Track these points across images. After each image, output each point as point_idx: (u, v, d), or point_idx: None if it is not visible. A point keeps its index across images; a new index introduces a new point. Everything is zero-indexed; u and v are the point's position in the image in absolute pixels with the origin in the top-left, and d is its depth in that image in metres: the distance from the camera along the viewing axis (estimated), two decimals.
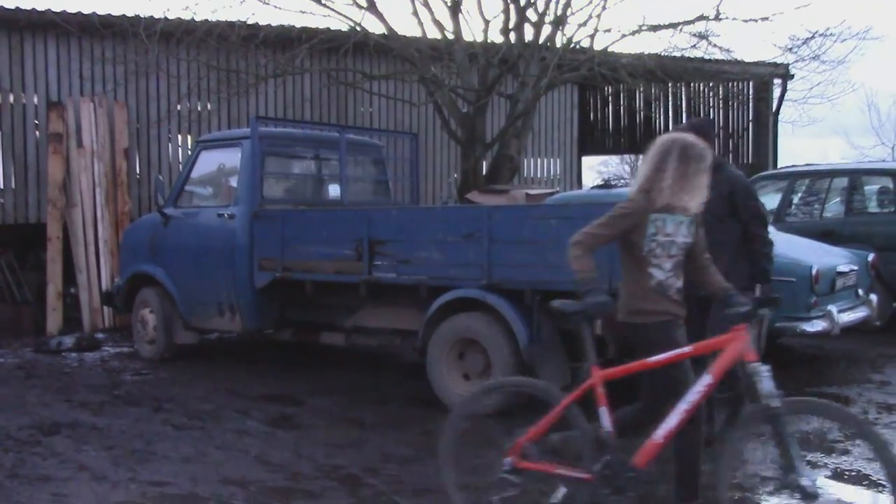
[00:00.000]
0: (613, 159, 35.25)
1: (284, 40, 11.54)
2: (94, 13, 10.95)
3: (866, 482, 4.72)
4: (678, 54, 11.63)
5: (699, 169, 3.79)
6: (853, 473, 4.87)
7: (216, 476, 4.87)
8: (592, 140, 19.61)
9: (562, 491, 3.98)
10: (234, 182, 7.96)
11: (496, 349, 6.01)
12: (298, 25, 11.50)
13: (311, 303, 7.57)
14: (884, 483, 4.61)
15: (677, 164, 3.75)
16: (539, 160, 15.80)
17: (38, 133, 11.07)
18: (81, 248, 10.59)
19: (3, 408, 6.56)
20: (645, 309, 3.84)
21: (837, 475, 4.86)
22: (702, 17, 10.87)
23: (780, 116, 16.45)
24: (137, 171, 11.72)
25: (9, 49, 10.86)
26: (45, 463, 5.15)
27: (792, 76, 14.58)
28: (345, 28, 11.21)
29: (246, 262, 7.59)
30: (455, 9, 11.21)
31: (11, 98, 10.95)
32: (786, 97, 15.42)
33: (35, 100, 11.09)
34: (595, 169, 34.06)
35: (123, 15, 10.99)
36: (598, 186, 9.05)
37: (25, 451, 5.38)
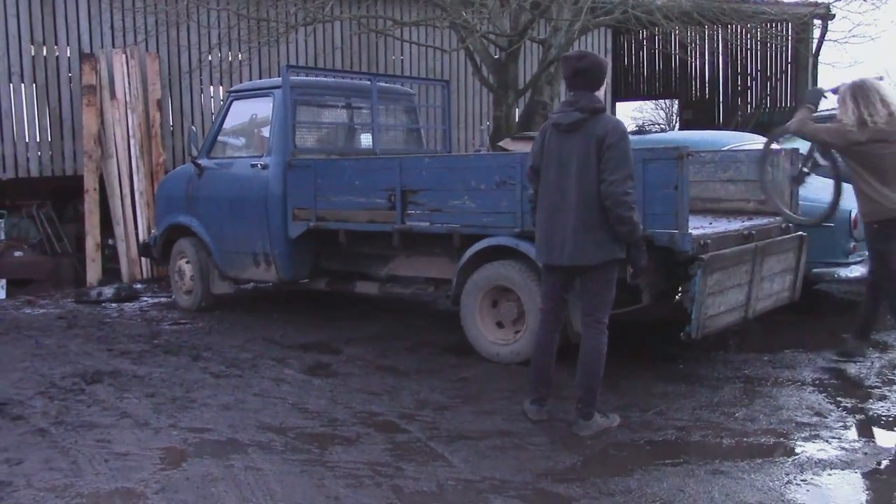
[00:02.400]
0: (648, 105, 34.77)
1: None
2: None
3: None
4: None
5: None
6: (890, 419, 4.84)
7: (255, 423, 4.96)
8: (626, 85, 19.36)
9: None
10: (266, 132, 7.96)
11: (530, 297, 6.00)
12: None
13: (345, 252, 7.61)
14: None
15: None
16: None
17: (71, 85, 11.13)
18: (118, 200, 10.70)
19: (47, 357, 6.71)
20: None
21: (874, 420, 4.83)
22: None
23: (819, 58, 16.06)
24: (171, 122, 11.76)
25: (40, 2, 10.87)
26: (88, 410, 5.27)
27: (833, 16, 14.19)
28: None
29: (279, 212, 7.63)
30: None
31: (45, 51, 10.98)
32: (826, 38, 15.02)
33: (68, 52, 11.11)
34: (629, 115, 33.69)
35: None
36: (633, 132, 8.93)
37: (70, 399, 5.50)
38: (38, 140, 10.99)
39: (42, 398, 5.53)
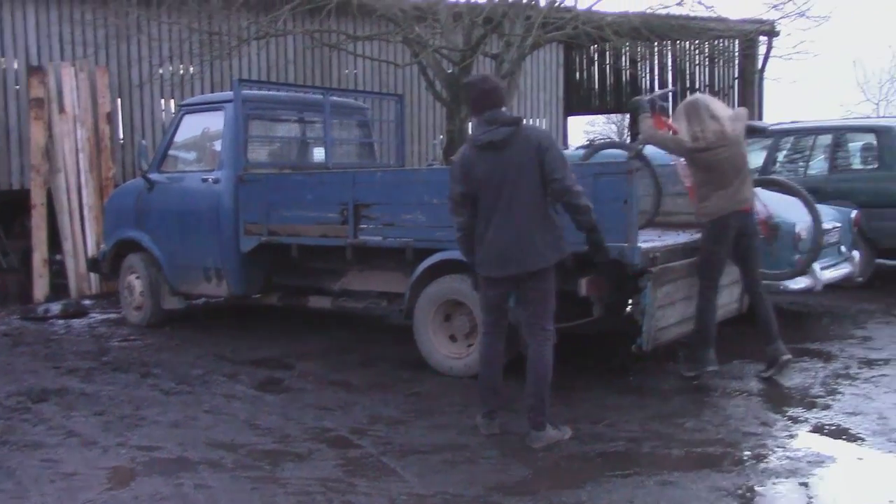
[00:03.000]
0: (600, 119, 35.21)
1: (266, 2, 11.41)
2: None
3: (846, 436, 4.80)
4: (663, 12, 11.54)
5: None
6: (833, 427, 4.95)
7: (205, 440, 4.91)
8: (578, 99, 19.54)
9: None
10: (218, 146, 7.91)
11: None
12: None
13: (298, 267, 7.58)
14: (863, 437, 4.72)
15: None
16: (525, 120, 15.69)
17: (18, 99, 10.95)
18: (66, 215, 10.54)
19: None
20: None
21: (818, 429, 4.93)
22: None
23: (765, 73, 16.41)
24: (121, 135, 11.63)
25: None
26: (34, 429, 5.17)
27: (777, 33, 14.52)
28: None
29: (231, 227, 7.58)
30: None
31: None
32: (771, 54, 15.37)
33: (15, 65, 10.95)
34: (582, 129, 34.06)
35: None
36: (585, 146, 9.04)
37: (15, 418, 5.40)
38: None
39: None
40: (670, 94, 11.69)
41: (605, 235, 5.22)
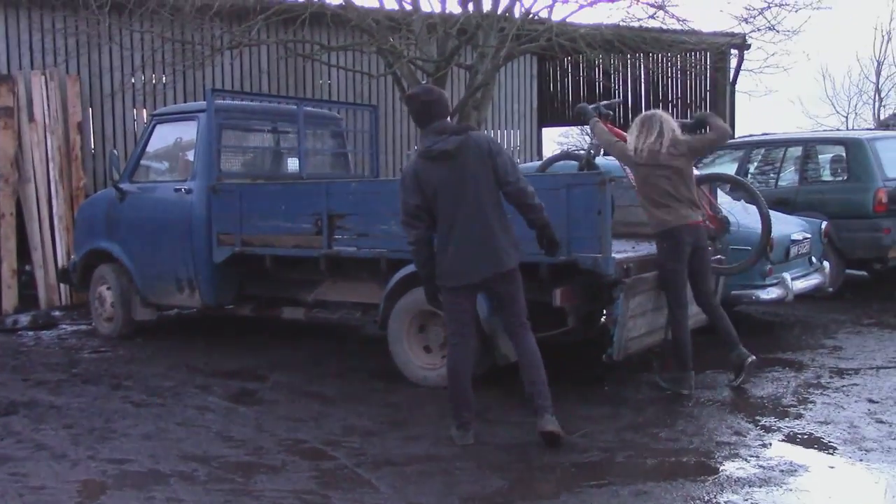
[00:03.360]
0: (573, 130, 35.35)
1: (240, 11, 11.37)
2: None
3: (817, 445, 4.83)
4: (636, 25, 11.65)
5: None
6: (805, 436, 4.99)
7: (177, 452, 4.85)
8: (552, 111, 19.60)
9: None
10: (190, 156, 7.86)
11: None
12: None
13: (271, 277, 7.53)
14: (835, 445, 4.76)
15: None
16: (499, 131, 15.79)
17: None
18: (36, 225, 10.41)
19: None
20: None
21: (790, 438, 4.97)
22: None
23: (736, 86, 16.58)
24: (92, 145, 11.53)
25: None
26: (2, 443, 5.08)
27: (748, 46, 14.67)
28: None
29: (204, 237, 7.52)
30: None
31: None
32: (742, 67, 15.52)
33: None
34: (555, 140, 34.20)
35: None
36: (557, 156, 9.06)
37: None
38: None
39: None
40: (617, 103, 11.78)
41: (580, 246, 5.26)
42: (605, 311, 5.88)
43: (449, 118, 4.95)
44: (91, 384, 6.54)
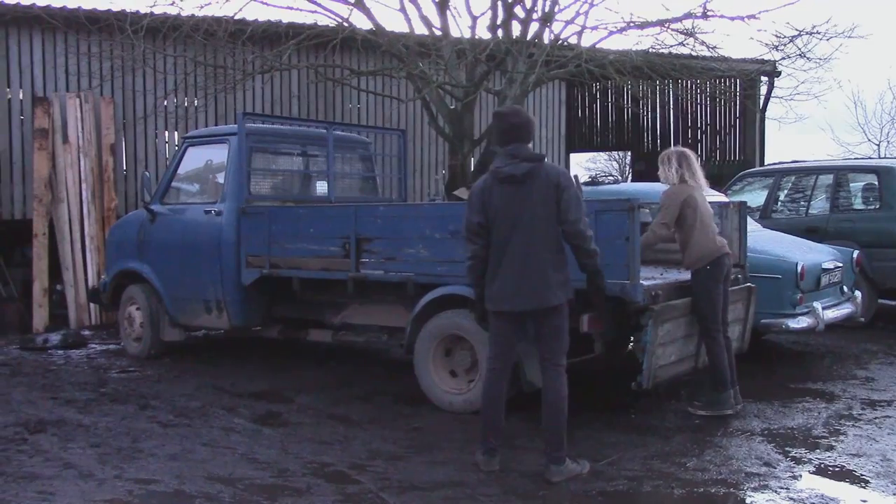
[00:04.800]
0: (601, 156, 35.35)
1: (272, 36, 11.52)
2: (79, 8, 10.91)
3: (849, 478, 4.75)
4: (666, 51, 11.64)
5: None
6: (837, 469, 4.91)
7: (203, 473, 4.86)
8: (580, 137, 19.66)
9: None
10: (220, 178, 7.93)
11: (483, 346, 5.98)
12: (286, 21, 11.48)
13: (299, 300, 7.56)
14: (867, 479, 4.67)
15: None
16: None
17: (23, 129, 11.00)
18: (68, 245, 10.54)
19: None
20: None
21: (821, 470, 4.89)
22: (689, 15, 10.89)
23: (766, 113, 16.52)
24: (124, 167, 11.67)
25: None
26: (30, 461, 5.12)
27: (779, 73, 14.62)
28: (332, 24, 11.18)
29: (233, 259, 7.57)
30: (443, 5, 11.20)
31: None
32: (772, 94, 15.47)
33: (20, 95, 11.03)
34: (583, 166, 34.20)
35: (109, 10, 10.97)
36: (586, 183, 9.07)
37: (11, 450, 5.35)
38: None
39: None
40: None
41: (607, 272, 5.23)
42: (632, 338, 5.84)
43: (530, 144, 4.87)
44: (119, 403, 6.58)
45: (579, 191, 5.01)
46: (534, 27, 11.30)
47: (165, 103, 11.86)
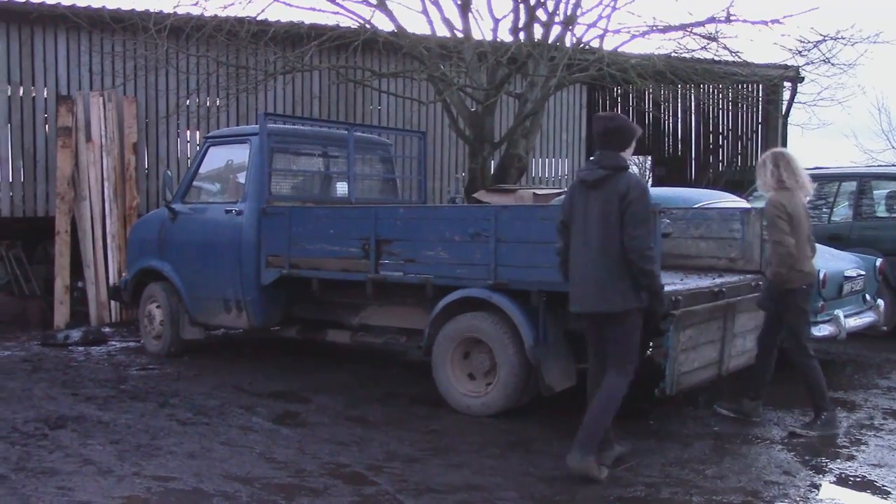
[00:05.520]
0: None
1: (294, 37, 11.56)
2: (103, 7, 10.99)
3: (870, 489, 4.70)
4: (688, 56, 11.60)
5: None
6: (858, 479, 4.86)
7: (220, 472, 4.88)
8: None
9: None
10: (241, 178, 7.96)
11: (502, 349, 6.00)
12: (308, 22, 11.52)
13: (318, 300, 7.57)
14: (889, 490, 4.62)
15: None
16: (547, 160, 15.78)
17: (47, 127, 11.10)
18: (89, 243, 10.62)
19: (10, 401, 6.59)
20: None
21: (842, 480, 4.84)
22: (712, 19, 10.85)
23: (789, 119, 16.40)
24: (146, 166, 11.75)
25: (19, 42, 10.90)
26: (50, 456, 5.16)
27: (802, 79, 14.53)
28: (354, 26, 11.22)
29: (253, 259, 7.60)
30: (465, 7, 11.21)
31: (21, 91, 10.98)
32: (795, 100, 15.37)
33: (45, 93, 11.12)
34: None
35: (133, 9, 11.05)
36: None
37: (31, 445, 5.39)
38: (10, 180, 10.93)
39: (3, 443, 5.41)
40: None
41: None
42: (651, 344, 5.81)
43: (625, 151, 4.88)
44: (138, 401, 6.62)
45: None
46: (556, 30, 11.31)
47: (188, 103, 11.93)
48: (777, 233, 5.68)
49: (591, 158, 4.91)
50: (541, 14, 11.16)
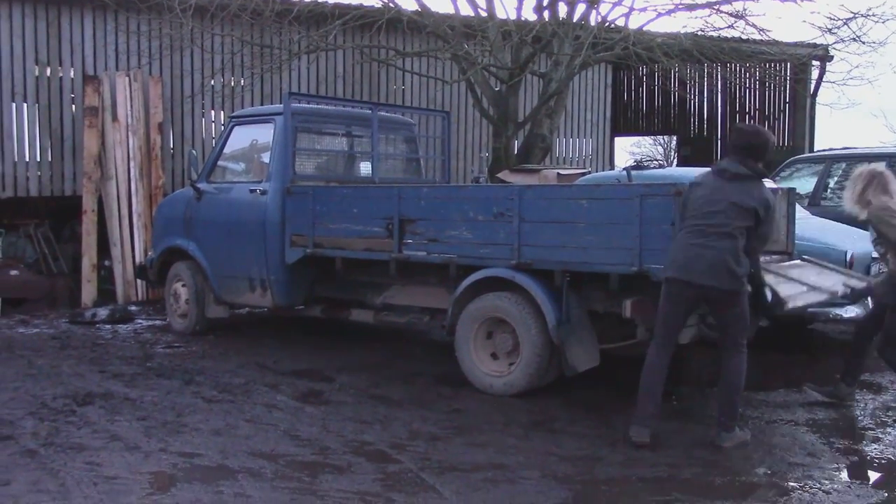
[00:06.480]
0: (646, 140, 34.99)
1: (318, 16, 11.53)
2: None
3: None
4: (715, 34, 11.45)
5: None
6: (883, 461, 4.83)
7: (245, 449, 4.93)
8: (625, 120, 19.46)
9: None
10: (266, 158, 7.99)
11: (525, 329, 6.00)
12: (332, 1, 11.48)
13: (341, 279, 7.60)
14: None
15: None
16: (571, 140, 15.70)
17: (74, 107, 11.18)
18: (116, 222, 10.71)
19: (39, 377, 6.69)
20: None
21: (867, 462, 4.81)
22: None
23: (817, 98, 16.18)
24: (171, 145, 11.81)
25: (46, 23, 10.96)
26: (78, 432, 5.24)
27: (831, 58, 14.31)
28: (378, 5, 11.18)
29: (277, 238, 7.63)
30: None
31: (48, 71, 11.05)
32: (824, 79, 15.15)
33: (71, 73, 11.18)
34: (627, 150, 33.87)
35: None
36: (631, 167, 8.97)
37: (60, 420, 5.47)
38: (38, 160, 11.04)
39: (32, 419, 5.50)
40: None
41: (651, 257, 5.23)
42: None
43: (759, 163, 5.04)
44: (164, 378, 6.69)
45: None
46: (580, 9, 11.21)
47: (212, 82, 11.95)
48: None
49: (727, 159, 5.08)
50: None
